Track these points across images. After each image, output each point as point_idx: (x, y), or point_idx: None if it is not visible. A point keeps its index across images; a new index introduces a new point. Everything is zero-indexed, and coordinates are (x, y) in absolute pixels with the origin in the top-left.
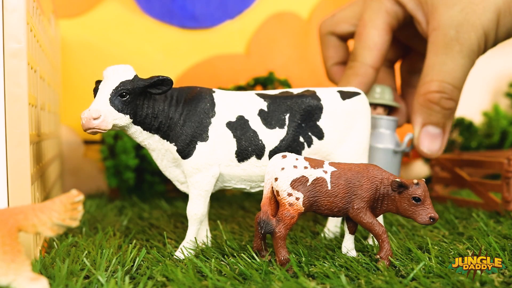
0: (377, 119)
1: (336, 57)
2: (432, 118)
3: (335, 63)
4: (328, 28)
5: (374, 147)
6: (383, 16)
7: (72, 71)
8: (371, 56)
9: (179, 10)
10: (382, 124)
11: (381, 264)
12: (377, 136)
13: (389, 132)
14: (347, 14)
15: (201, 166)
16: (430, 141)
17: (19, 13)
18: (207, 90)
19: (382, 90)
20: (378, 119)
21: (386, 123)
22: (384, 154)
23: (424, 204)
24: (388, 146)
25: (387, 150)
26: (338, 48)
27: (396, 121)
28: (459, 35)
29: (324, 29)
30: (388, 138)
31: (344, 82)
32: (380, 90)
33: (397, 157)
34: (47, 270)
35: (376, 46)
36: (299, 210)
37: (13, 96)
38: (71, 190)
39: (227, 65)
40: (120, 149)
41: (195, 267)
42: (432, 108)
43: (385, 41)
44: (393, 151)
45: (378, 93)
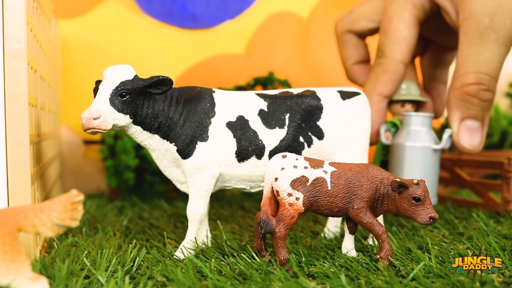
0: (411, 117)
1: (356, 56)
2: (470, 112)
3: (355, 62)
4: (345, 26)
5: (411, 146)
6: (410, 8)
7: (72, 71)
8: (400, 51)
9: (179, 10)
10: (417, 122)
11: (381, 264)
12: (412, 134)
13: (425, 129)
14: (366, 10)
15: (201, 166)
16: (470, 136)
17: (19, 13)
18: (207, 90)
19: (408, 86)
20: (413, 117)
21: (422, 120)
22: (423, 153)
23: (424, 204)
24: (427, 144)
25: (426, 149)
26: (357, 46)
27: (432, 117)
28: (493, 22)
29: (341, 27)
30: (425, 136)
31: (372, 81)
32: (406, 86)
33: (436, 155)
34: (47, 270)
35: (404, 40)
36: (299, 210)
37: (13, 96)
38: (71, 190)
39: (227, 65)
40: (120, 149)
41: (195, 267)
42: (470, 101)
43: (413, 34)
44: (433, 149)
45: (404, 89)
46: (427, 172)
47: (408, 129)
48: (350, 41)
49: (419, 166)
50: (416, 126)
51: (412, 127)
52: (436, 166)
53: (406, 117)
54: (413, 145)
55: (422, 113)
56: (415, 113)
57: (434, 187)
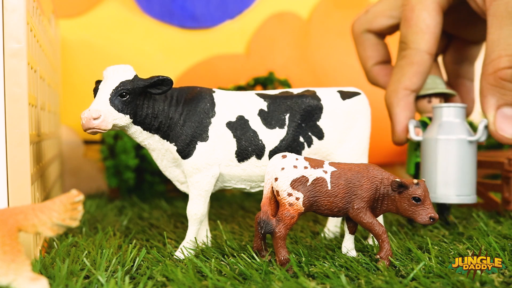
0: (442, 108)
1: (376, 56)
2: (507, 98)
3: (376, 63)
4: (363, 25)
5: (444, 139)
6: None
7: (72, 71)
8: (425, 41)
9: (179, 10)
10: (450, 113)
11: (381, 264)
12: (445, 127)
13: (459, 120)
14: (383, 7)
15: (201, 166)
16: (509, 124)
17: (19, 13)
18: (207, 90)
19: (432, 80)
20: (444, 108)
21: (454, 111)
22: (458, 145)
23: (424, 204)
24: (462, 136)
25: (461, 141)
26: (377, 46)
27: (465, 108)
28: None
29: (359, 27)
30: (459, 128)
31: (397, 75)
32: (431, 80)
33: (472, 147)
34: (47, 270)
35: (429, 28)
36: (299, 210)
37: (13, 96)
38: (71, 190)
39: (227, 65)
40: (120, 149)
41: (195, 267)
42: (505, 87)
43: (437, 23)
44: (468, 141)
45: (430, 83)
46: (463, 167)
47: (440, 121)
48: (369, 41)
49: (454, 161)
50: (448, 117)
51: (444, 119)
52: (473, 160)
53: (437, 109)
54: (447, 138)
55: (454, 104)
56: (446, 104)
57: (472, 183)
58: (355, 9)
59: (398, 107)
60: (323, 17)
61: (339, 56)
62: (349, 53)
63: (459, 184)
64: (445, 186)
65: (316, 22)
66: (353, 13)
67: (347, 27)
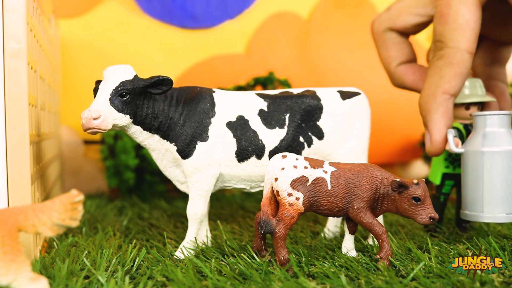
0: (486, 117)
1: (400, 55)
2: None
3: (401, 62)
4: (385, 23)
5: (490, 152)
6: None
7: (72, 71)
8: (465, 38)
9: (179, 10)
10: (494, 122)
11: (381, 264)
12: (490, 138)
13: (504, 130)
14: (407, 4)
15: (201, 166)
16: None
17: (19, 13)
18: (207, 90)
19: (472, 84)
20: (488, 117)
21: (499, 119)
22: (506, 159)
23: (424, 204)
24: (509, 147)
25: (508, 153)
26: (401, 45)
27: (510, 115)
28: None
29: (380, 25)
30: (506, 138)
31: (435, 77)
32: (470, 83)
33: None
34: (47, 270)
35: (468, 25)
36: (299, 210)
37: (13, 96)
38: (71, 190)
39: (227, 65)
40: (120, 149)
41: (195, 267)
42: None
43: (477, 18)
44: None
45: (468, 87)
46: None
47: (484, 131)
48: (392, 40)
49: (502, 174)
50: (492, 127)
51: (488, 129)
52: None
53: (478, 118)
54: (493, 150)
55: (497, 112)
56: (489, 112)
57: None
58: (355, 9)
59: (437, 113)
60: (323, 17)
61: (339, 56)
62: (349, 53)
63: (508, 201)
64: (492, 204)
65: (316, 22)
66: (353, 13)
67: (347, 27)
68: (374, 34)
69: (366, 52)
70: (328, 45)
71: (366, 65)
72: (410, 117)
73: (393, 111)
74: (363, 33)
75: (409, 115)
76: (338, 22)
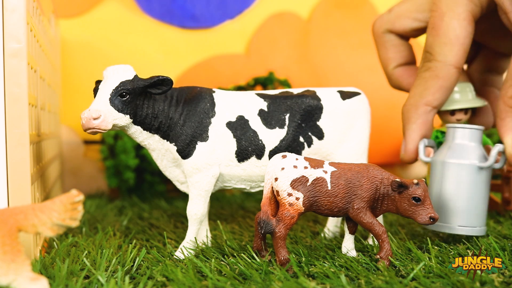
0: (456, 129)
1: (398, 58)
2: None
3: (398, 64)
4: (385, 25)
5: (455, 163)
6: (464, 3)
7: (72, 71)
8: (453, 53)
9: (179, 10)
10: (464, 135)
11: (381, 264)
12: (457, 149)
13: (473, 144)
14: (409, 7)
15: (201, 166)
16: None
17: (19, 13)
18: (207, 90)
19: (461, 89)
20: (458, 129)
21: (469, 133)
22: (468, 171)
23: (424, 204)
24: (473, 161)
25: (471, 167)
26: (399, 47)
27: (482, 130)
28: None
29: (380, 26)
30: (473, 152)
31: (420, 88)
32: (460, 88)
33: (484, 175)
34: (47, 270)
35: (458, 40)
36: (299, 210)
37: (13, 96)
38: (71, 190)
39: (227, 65)
40: (120, 149)
41: (195, 267)
42: None
43: (468, 33)
44: (478, 168)
45: (458, 92)
46: (472, 196)
47: (452, 143)
48: (391, 42)
49: (464, 188)
50: (462, 140)
51: (456, 141)
52: (483, 189)
53: (450, 129)
54: (456, 162)
55: (470, 125)
56: (461, 125)
57: (481, 214)
58: (355, 9)
59: (414, 123)
60: (323, 17)
61: (339, 56)
62: (349, 53)
63: (467, 214)
64: (452, 215)
65: (316, 22)
66: (354, 13)
67: (347, 27)
68: (374, 35)
69: (366, 52)
70: (328, 45)
71: (366, 65)
72: None
73: (393, 111)
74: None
75: None
76: (338, 22)
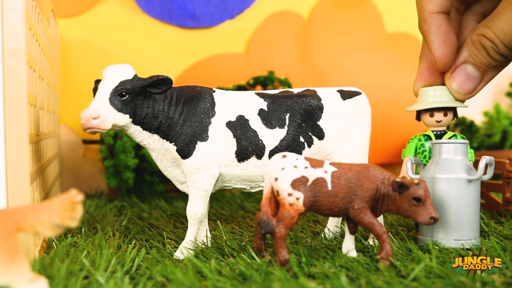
0: (442, 145)
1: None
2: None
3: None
4: None
5: (442, 179)
6: None
7: (71, 71)
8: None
9: (179, 9)
10: (450, 150)
11: (382, 265)
12: (445, 164)
13: (460, 158)
14: None
15: (201, 166)
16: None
17: (18, 12)
18: (207, 90)
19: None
20: (443, 145)
21: (454, 148)
22: (457, 185)
23: (425, 204)
24: (462, 175)
25: (460, 180)
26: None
27: (467, 144)
28: None
29: None
30: (460, 166)
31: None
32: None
33: (473, 187)
34: (46, 270)
35: None
36: (299, 210)
37: (12, 96)
38: (70, 190)
39: (227, 65)
40: (120, 149)
41: (195, 267)
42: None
43: None
44: (468, 180)
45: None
46: (463, 208)
47: (439, 159)
48: None
49: (453, 202)
50: (448, 155)
51: (443, 157)
52: (473, 200)
53: (435, 146)
54: (445, 177)
55: (453, 140)
56: (446, 140)
57: (473, 226)
58: (355, 8)
59: (430, 34)
60: (323, 16)
61: (339, 56)
62: (349, 52)
63: (458, 228)
64: (444, 229)
65: (316, 21)
66: (354, 13)
67: (347, 26)
68: None
69: (366, 52)
70: (329, 45)
71: (366, 65)
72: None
73: (394, 111)
74: (364, 33)
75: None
76: (338, 22)
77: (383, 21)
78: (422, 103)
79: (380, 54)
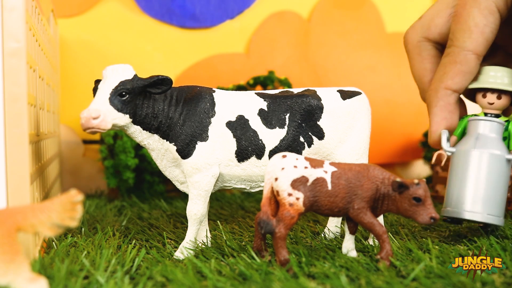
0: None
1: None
2: None
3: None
4: (419, 32)
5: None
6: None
7: (71, 71)
8: (471, 40)
9: (179, 9)
10: (486, 127)
11: (382, 265)
12: (485, 140)
13: (494, 135)
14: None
15: (201, 166)
16: None
17: (18, 12)
18: (207, 90)
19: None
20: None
21: (491, 125)
22: (492, 161)
23: (425, 204)
24: (498, 152)
25: (495, 157)
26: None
27: (503, 125)
28: None
29: (415, 36)
30: (495, 143)
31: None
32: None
33: (508, 167)
34: (46, 270)
35: (477, 27)
36: (299, 210)
37: (12, 96)
38: (70, 190)
39: (227, 65)
40: (120, 149)
41: (195, 267)
42: None
43: (489, 22)
44: (506, 159)
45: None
46: (495, 185)
47: (476, 134)
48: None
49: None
50: (484, 131)
51: (480, 132)
52: (505, 180)
53: (472, 122)
54: (482, 151)
55: (491, 118)
56: (483, 117)
57: (501, 204)
58: (355, 8)
59: (436, 107)
60: (323, 16)
61: (339, 56)
62: (349, 52)
63: (489, 202)
64: (473, 203)
65: (316, 21)
66: (354, 13)
67: (347, 26)
68: (409, 45)
69: (366, 52)
70: (329, 45)
71: (367, 65)
72: (411, 117)
73: (394, 111)
74: (364, 33)
75: (410, 115)
76: (338, 22)
77: (383, 21)
78: (477, 82)
79: (380, 54)
